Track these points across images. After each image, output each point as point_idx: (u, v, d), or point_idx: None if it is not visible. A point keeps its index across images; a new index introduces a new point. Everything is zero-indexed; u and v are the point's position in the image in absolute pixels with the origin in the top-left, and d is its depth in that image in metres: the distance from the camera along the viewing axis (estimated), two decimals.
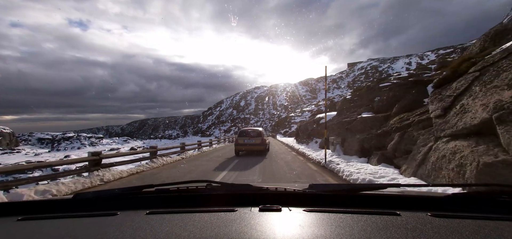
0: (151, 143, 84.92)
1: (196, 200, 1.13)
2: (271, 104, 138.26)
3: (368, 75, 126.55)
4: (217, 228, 0.77)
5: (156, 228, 0.78)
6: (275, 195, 1.11)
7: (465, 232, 0.71)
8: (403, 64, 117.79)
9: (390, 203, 1.01)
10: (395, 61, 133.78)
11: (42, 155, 51.18)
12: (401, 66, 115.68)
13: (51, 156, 47.70)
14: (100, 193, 1.19)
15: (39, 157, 45.97)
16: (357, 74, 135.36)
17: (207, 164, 8.90)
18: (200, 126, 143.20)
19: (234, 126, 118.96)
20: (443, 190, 2.55)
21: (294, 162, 8.99)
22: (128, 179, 6.41)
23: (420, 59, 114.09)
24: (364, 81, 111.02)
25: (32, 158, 44.94)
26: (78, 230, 0.82)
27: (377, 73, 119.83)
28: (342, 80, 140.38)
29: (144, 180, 6.23)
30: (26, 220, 0.94)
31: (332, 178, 5.77)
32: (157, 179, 6.35)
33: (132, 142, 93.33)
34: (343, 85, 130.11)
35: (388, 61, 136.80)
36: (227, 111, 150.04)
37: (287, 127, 39.19)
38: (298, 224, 0.79)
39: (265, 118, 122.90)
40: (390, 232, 0.72)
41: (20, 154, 53.52)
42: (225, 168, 7.62)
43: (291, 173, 6.62)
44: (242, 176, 6.29)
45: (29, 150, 65.61)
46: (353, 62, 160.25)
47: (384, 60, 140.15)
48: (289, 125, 39.96)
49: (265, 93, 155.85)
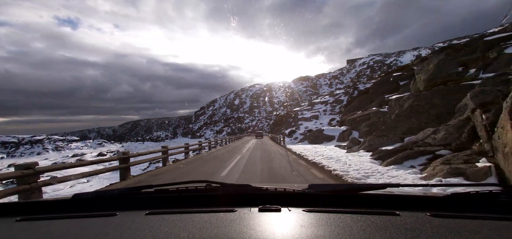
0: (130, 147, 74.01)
1: (196, 200, 1.13)
2: (267, 101, 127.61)
3: (374, 69, 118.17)
4: (217, 228, 0.77)
5: (155, 229, 0.78)
6: (275, 195, 1.10)
7: (464, 232, 0.71)
8: (412, 57, 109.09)
9: (390, 203, 1.01)
10: (401, 54, 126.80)
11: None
12: (409, 58, 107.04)
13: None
14: (100, 193, 1.21)
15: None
16: (360, 69, 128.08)
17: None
18: (191, 127, 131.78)
19: (227, 126, 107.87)
20: (442, 190, 2.18)
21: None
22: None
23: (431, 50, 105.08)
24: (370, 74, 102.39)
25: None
26: (77, 231, 0.82)
27: (384, 66, 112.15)
28: (343, 75, 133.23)
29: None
30: (25, 220, 0.94)
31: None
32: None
33: (109, 145, 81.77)
34: (346, 80, 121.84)
35: (393, 55, 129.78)
36: (221, 110, 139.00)
37: (293, 126, 27.48)
38: (297, 224, 0.79)
39: (261, 117, 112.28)
40: (390, 232, 0.71)
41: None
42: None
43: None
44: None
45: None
46: (352, 59, 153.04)
47: (387, 55, 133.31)
48: (295, 123, 28.34)
49: (261, 90, 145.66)
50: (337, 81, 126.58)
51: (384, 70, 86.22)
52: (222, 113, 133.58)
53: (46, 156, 57.45)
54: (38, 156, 61.47)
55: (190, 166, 9.38)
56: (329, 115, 30.06)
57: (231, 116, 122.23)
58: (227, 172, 7.43)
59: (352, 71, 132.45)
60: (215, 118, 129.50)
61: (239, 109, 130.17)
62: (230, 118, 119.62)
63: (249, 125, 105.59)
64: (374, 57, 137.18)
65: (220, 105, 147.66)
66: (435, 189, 1.83)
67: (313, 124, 26.43)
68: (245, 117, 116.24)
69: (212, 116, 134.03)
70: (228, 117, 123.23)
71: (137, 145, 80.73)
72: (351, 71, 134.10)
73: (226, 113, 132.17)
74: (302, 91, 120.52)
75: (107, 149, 70.18)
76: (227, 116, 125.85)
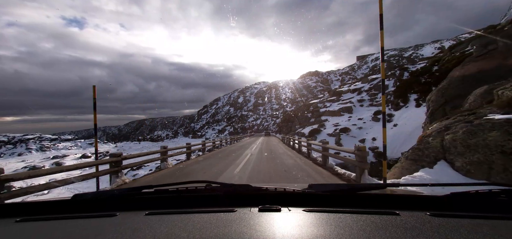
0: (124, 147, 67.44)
1: (196, 200, 1.13)
2: (273, 98, 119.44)
3: (390, 63, 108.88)
4: (217, 228, 0.77)
5: (155, 229, 0.78)
6: (275, 195, 1.10)
7: (464, 231, 0.71)
8: (433, 50, 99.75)
9: (389, 203, 1.02)
10: (419, 48, 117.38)
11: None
12: (430, 51, 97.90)
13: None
14: (99, 193, 1.22)
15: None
16: (373, 65, 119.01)
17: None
18: (192, 126, 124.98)
19: (230, 125, 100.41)
20: (442, 189, 1.97)
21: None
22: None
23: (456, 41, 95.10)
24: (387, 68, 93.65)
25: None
26: (77, 231, 0.82)
27: (402, 59, 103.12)
28: (355, 71, 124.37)
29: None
30: (24, 221, 0.95)
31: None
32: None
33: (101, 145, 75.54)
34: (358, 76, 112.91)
35: (410, 49, 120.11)
36: (224, 108, 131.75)
37: (314, 123, 19.24)
38: (297, 224, 0.79)
39: (266, 115, 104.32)
40: (389, 231, 0.72)
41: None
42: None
43: None
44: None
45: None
46: (363, 55, 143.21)
47: (404, 49, 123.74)
48: (317, 120, 20.05)
49: (267, 87, 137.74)
50: (349, 77, 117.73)
51: (403, 63, 77.13)
52: (225, 112, 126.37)
53: (24, 158, 51.35)
54: (19, 157, 55.53)
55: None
56: (370, 108, 21.69)
57: (235, 115, 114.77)
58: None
59: (364, 67, 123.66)
60: (217, 117, 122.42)
61: (243, 107, 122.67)
62: (233, 117, 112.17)
63: (253, 124, 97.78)
64: (388, 52, 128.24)
65: (224, 103, 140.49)
66: (435, 189, 1.66)
67: (346, 120, 18.34)
68: (249, 116, 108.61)
69: (215, 115, 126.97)
70: (231, 115, 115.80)
71: (132, 145, 74.23)
72: (363, 67, 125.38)
73: (229, 111, 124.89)
74: (311, 86, 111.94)
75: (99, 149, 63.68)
76: (230, 114, 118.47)
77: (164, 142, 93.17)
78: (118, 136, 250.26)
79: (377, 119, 18.72)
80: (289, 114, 38.02)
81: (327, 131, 17.31)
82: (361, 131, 18.96)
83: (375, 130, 18.48)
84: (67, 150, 64.45)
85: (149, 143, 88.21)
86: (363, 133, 18.84)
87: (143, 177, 7.74)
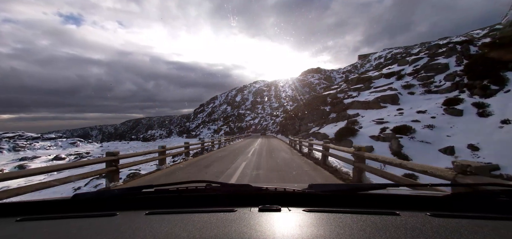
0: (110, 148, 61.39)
1: (196, 200, 1.13)
2: (273, 96, 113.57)
3: (397, 59, 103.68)
4: (217, 228, 0.77)
5: (155, 229, 0.79)
6: (275, 195, 1.11)
7: (464, 231, 0.71)
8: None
9: (389, 203, 1.02)
10: (426, 45, 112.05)
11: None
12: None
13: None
14: (100, 193, 1.22)
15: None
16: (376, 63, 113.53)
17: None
18: (187, 125, 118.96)
19: (226, 124, 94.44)
20: (442, 190, 2.26)
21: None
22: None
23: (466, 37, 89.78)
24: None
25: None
26: (77, 231, 0.82)
27: (409, 56, 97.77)
28: (357, 70, 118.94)
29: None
30: (25, 220, 0.95)
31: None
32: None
33: (85, 145, 69.54)
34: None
35: (416, 46, 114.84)
36: (221, 107, 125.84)
37: (339, 119, 13.47)
38: (297, 224, 0.80)
39: (265, 114, 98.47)
40: (390, 232, 0.72)
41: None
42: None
43: None
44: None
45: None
46: (365, 54, 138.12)
47: (408, 47, 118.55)
48: (341, 115, 14.37)
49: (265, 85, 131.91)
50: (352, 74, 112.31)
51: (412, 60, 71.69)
52: (222, 111, 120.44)
53: (3, 156, 45.59)
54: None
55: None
56: (428, 95, 15.11)
57: (232, 114, 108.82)
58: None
59: (367, 66, 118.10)
60: (214, 116, 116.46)
61: (241, 106, 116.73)
62: (230, 116, 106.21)
63: (251, 124, 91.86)
64: (391, 50, 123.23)
65: (221, 102, 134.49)
66: (435, 189, 1.66)
67: (395, 114, 12.17)
68: (247, 115, 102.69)
69: (211, 114, 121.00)
70: (228, 114, 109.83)
71: (119, 146, 68.27)
72: (366, 65, 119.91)
73: (226, 110, 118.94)
74: (314, 83, 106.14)
75: (75, 150, 57.74)
76: (227, 113, 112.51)
77: (156, 142, 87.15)
78: (114, 135, 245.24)
79: (455, 111, 11.82)
80: (295, 110, 31.45)
81: (367, 132, 11.09)
82: (434, 132, 11.85)
83: (461, 129, 11.40)
84: (44, 150, 58.43)
85: (139, 143, 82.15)
86: (441, 135, 11.47)
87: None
